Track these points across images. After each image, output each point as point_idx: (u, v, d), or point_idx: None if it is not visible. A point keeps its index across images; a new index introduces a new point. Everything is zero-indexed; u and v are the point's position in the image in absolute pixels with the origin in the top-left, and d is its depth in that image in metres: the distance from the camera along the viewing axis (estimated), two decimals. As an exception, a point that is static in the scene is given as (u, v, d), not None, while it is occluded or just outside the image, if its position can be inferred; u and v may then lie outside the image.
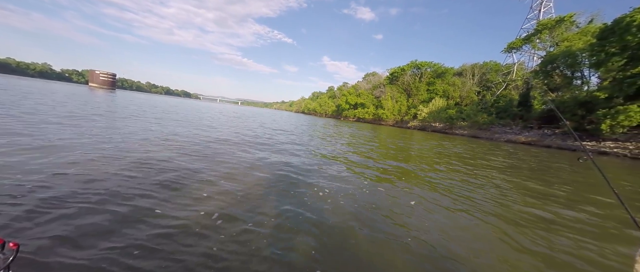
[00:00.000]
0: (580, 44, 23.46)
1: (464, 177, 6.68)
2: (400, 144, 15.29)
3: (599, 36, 19.92)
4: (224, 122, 16.45)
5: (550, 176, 8.02)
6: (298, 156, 7.41)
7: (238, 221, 2.94)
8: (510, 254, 2.86)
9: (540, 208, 4.55)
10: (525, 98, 31.91)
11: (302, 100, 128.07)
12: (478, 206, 4.39)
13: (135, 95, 55.82)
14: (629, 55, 17.63)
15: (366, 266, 2.37)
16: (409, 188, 5.11)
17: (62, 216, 2.55)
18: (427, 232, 3.18)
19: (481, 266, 2.57)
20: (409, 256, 2.60)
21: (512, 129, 30.36)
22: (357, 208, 3.76)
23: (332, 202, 3.88)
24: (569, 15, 28.07)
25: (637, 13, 16.64)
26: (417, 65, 52.34)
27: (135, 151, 5.54)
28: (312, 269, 2.23)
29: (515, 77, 38.26)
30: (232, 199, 3.57)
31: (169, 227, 2.64)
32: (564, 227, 3.72)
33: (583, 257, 2.90)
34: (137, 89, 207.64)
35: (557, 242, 3.23)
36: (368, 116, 57.39)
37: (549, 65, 26.32)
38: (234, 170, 5.09)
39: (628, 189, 7.11)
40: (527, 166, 10.27)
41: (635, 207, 5.22)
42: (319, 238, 2.76)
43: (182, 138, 7.99)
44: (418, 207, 4.06)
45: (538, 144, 24.79)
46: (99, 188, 3.34)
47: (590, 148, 21.28)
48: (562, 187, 6.41)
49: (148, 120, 11.55)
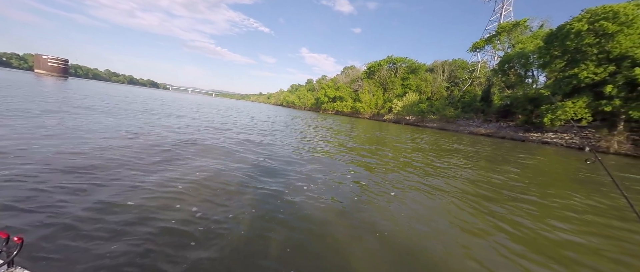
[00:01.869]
0: (532, 46, 26.46)
1: (434, 166, 7.66)
2: (378, 135, 16.35)
3: (545, 40, 22.69)
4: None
5: (510, 165, 9.43)
6: (279, 150, 7.80)
7: (214, 220, 2.86)
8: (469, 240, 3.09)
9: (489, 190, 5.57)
10: (486, 94, 35.17)
11: (280, 93, 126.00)
12: (447, 192, 5.25)
13: (90, 85, 49.52)
14: (568, 58, 20.45)
15: (343, 262, 2.39)
16: (387, 179, 5.35)
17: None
18: (407, 224, 3.25)
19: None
20: (387, 251, 2.63)
21: (475, 122, 33.48)
22: (338, 202, 3.78)
23: (314, 196, 3.88)
24: (523, 20, 31.30)
25: (575, 22, 19.27)
26: (393, 60, 54.44)
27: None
28: (287, 266, 2.22)
29: (479, 75, 41.81)
30: (205, 198, 3.46)
31: (139, 222, 2.61)
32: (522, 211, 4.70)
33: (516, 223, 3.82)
34: (95, 77, 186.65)
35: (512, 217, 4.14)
36: (346, 109, 58.75)
37: (506, 64, 29.30)
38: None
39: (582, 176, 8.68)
40: (490, 155, 11.80)
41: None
42: (296, 234, 2.73)
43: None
44: (397, 198, 4.22)
45: (495, 135, 27.82)
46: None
47: (535, 138, 24.50)
48: (514, 176, 7.69)
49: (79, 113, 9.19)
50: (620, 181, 1.64)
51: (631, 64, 16.94)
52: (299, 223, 3.02)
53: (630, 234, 3.60)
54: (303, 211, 3.37)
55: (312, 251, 2.49)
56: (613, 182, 1.64)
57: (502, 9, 43.90)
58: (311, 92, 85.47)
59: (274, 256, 2.34)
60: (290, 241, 2.62)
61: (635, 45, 17.04)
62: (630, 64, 17.01)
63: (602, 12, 17.89)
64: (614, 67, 17.83)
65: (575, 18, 19.63)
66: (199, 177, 4.15)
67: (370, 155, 8.39)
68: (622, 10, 17.17)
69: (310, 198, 3.85)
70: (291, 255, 2.38)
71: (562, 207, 4.62)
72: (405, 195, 4.48)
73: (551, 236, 3.32)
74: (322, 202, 3.74)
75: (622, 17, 17.05)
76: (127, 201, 3.02)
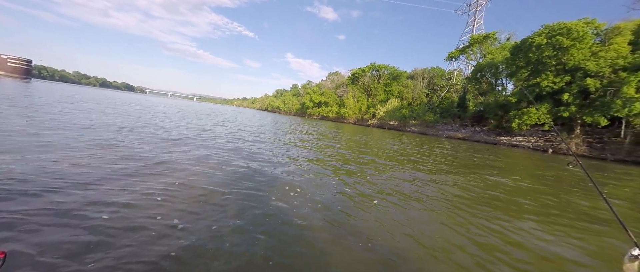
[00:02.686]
0: (500, 57, 28.80)
1: (419, 170, 8.13)
2: (363, 139, 16.85)
3: (511, 52, 24.84)
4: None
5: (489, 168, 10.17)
6: (263, 155, 7.90)
7: (197, 231, 2.85)
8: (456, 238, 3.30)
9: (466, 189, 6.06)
10: (462, 100, 37.44)
11: (265, 97, 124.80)
12: (427, 197, 5.64)
13: (57, 87, 45.90)
14: (531, 68, 22.53)
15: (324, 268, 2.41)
16: (372, 184, 5.44)
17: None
18: (391, 230, 3.28)
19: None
20: (371, 258, 2.65)
21: (452, 127, 35.42)
22: (325, 211, 3.77)
23: (298, 204, 3.88)
24: (492, 33, 34.03)
25: (536, 36, 21.36)
26: (376, 67, 56.36)
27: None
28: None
29: (455, 82, 44.48)
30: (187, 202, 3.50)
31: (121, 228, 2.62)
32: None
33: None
34: (62, 80, 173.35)
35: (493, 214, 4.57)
36: (331, 114, 59.53)
37: (478, 73, 31.55)
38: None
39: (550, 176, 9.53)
40: (470, 162, 12.62)
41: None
42: (282, 244, 2.75)
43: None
44: (380, 205, 4.26)
45: (470, 139, 29.63)
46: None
47: (506, 142, 26.47)
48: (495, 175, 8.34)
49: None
50: (579, 181, 1.98)
51: (583, 75, 19.06)
52: (284, 232, 3.00)
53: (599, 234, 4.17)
54: (288, 218, 3.35)
55: (297, 262, 2.49)
56: (593, 184, 1.69)
57: (474, 22, 47.35)
58: (296, 98, 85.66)
59: (260, 269, 2.32)
60: (276, 252, 2.59)
61: (585, 58, 19.22)
62: (582, 75, 19.13)
63: (558, 28, 20.03)
64: (570, 77, 19.93)
65: (536, 33, 21.77)
66: (179, 188, 4.01)
67: (356, 160, 8.72)
68: (574, 27, 19.35)
69: (296, 206, 3.81)
70: (277, 267, 2.36)
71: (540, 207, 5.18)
72: (387, 201, 4.50)
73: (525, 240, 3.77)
74: (308, 211, 3.69)
75: (574, 33, 19.22)
76: (101, 215, 2.88)
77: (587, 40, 19.24)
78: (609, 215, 4.63)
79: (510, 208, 4.82)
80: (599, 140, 21.07)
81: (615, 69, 18.15)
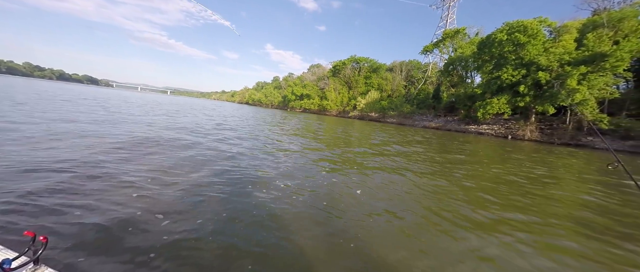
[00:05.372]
0: (469, 51, 30.97)
1: (400, 160, 9.07)
2: (345, 131, 17.74)
3: (478, 47, 26.89)
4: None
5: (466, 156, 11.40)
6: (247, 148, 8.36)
7: (184, 223, 2.89)
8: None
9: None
10: (436, 92, 39.73)
11: (245, 90, 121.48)
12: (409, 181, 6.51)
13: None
14: (494, 62, 24.67)
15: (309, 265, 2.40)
16: (355, 176, 5.64)
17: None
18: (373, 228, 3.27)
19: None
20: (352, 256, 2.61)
21: (427, 117, 37.67)
22: (309, 202, 3.83)
23: (284, 197, 3.92)
24: (462, 28, 36.26)
25: (498, 33, 23.36)
26: (356, 60, 57.40)
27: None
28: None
29: (430, 75, 46.88)
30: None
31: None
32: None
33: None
34: (9, 72, 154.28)
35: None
36: (313, 107, 60.01)
37: (449, 66, 33.69)
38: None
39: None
40: (442, 148, 13.92)
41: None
42: (268, 239, 2.75)
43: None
44: (363, 195, 4.39)
45: (443, 128, 31.91)
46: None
47: (473, 130, 28.95)
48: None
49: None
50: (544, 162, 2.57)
51: (536, 69, 21.39)
52: (269, 225, 3.06)
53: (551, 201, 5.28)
54: (273, 212, 3.40)
55: (283, 256, 2.52)
56: (636, 185, 1.66)
57: (448, 17, 49.78)
58: (278, 90, 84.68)
59: (244, 265, 2.34)
60: (261, 249, 2.59)
61: (539, 54, 21.53)
62: (536, 69, 21.46)
63: (516, 26, 22.10)
64: (525, 71, 22.25)
65: (498, 29, 23.80)
66: (160, 183, 4.00)
67: (341, 152, 9.50)
68: (529, 25, 21.48)
69: (279, 199, 3.86)
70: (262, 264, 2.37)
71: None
72: (371, 191, 4.67)
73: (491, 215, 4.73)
74: (293, 202, 3.76)
75: (529, 30, 21.36)
76: (74, 211, 2.91)
77: (540, 37, 21.52)
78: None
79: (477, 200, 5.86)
80: (549, 126, 23.95)
81: (562, 63, 20.61)
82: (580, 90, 18.83)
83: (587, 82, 19.10)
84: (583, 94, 18.82)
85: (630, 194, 5.90)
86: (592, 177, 7.93)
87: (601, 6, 27.05)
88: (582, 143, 20.14)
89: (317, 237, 2.92)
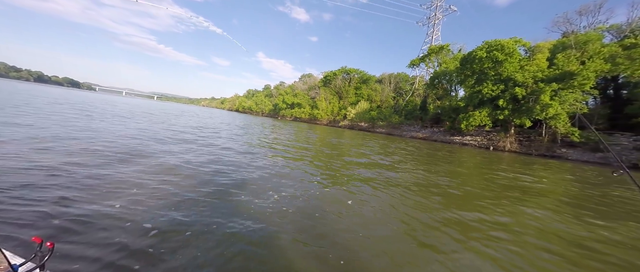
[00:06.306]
0: (452, 66, 32.64)
1: (387, 169, 9.36)
2: (336, 141, 18.02)
3: (461, 62, 28.46)
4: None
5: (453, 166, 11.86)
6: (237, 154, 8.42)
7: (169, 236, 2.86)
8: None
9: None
10: (423, 104, 41.21)
11: (236, 98, 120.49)
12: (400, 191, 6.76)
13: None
14: (476, 78, 26.14)
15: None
16: (346, 186, 5.69)
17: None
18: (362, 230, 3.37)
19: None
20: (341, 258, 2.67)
21: (415, 128, 38.83)
22: (297, 211, 3.85)
23: (275, 208, 3.92)
24: (446, 45, 38.35)
25: (478, 50, 24.93)
26: (347, 71, 58.84)
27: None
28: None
29: (418, 87, 48.72)
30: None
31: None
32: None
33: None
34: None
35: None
36: (304, 116, 60.37)
37: (435, 80, 35.26)
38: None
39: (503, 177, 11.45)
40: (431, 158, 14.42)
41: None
42: (257, 249, 2.75)
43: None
44: (353, 206, 4.43)
45: (430, 139, 32.97)
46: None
47: (458, 141, 30.11)
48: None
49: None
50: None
51: (513, 84, 22.87)
52: (258, 235, 3.06)
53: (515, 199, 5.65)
54: (262, 222, 3.39)
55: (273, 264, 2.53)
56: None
57: (433, 33, 52.50)
58: (269, 98, 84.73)
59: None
60: (251, 258, 2.59)
61: (515, 71, 23.09)
62: (513, 84, 22.94)
63: (494, 44, 23.71)
64: (504, 86, 23.71)
65: (479, 47, 25.41)
66: (149, 191, 3.98)
67: (331, 161, 9.70)
68: (506, 44, 23.12)
69: (268, 208, 3.88)
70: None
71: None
72: (362, 202, 4.70)
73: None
74: (282, 212, 3.76)
75: (506, 49, 22.97)
76: (57, 219, 2.88)
77: (516, 56, 23.17)
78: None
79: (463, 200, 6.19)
80: (527, 138, 25.35)
81: (536, 80, 22.18)
82: (553, 105, 20.25)
83: (559, 98, 20.60)
84: (555, 108, 20.25)
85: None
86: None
87: (569, 29, 29.66)
88: (557, 154, 21.45)
89: (307, 249, 2.86)
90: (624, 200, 6.94)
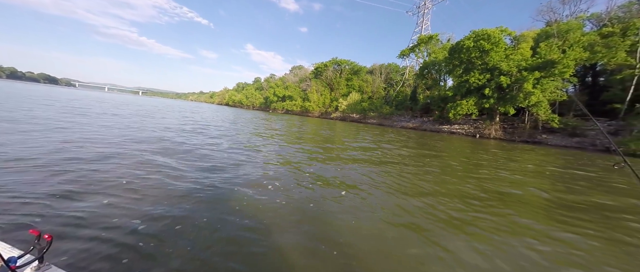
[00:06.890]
0: (441, 56, 33.07)
1: (380, 162, 9.61)
2: (328, 133, 18.19)
3: (449, 52, 28.89)
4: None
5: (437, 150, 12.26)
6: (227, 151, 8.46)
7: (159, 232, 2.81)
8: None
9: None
10: (413, 94, 41.77)
11: (225, 91, 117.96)
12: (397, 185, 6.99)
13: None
14: (463, 67, 26.68)
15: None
16: (341, 176, 5.76)
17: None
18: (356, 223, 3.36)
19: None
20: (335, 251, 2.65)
21: (405, 118, 39.49)
22: (292, 203, 3.86)
23: (267, 201, 3.91)
24: (435, 35, 38.63)
25: (466, 40, 25.33)
26: (338, 62, 58.49)
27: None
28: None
29: (408, 77, 49.18)
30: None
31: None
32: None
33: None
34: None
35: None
36: (296, 108, 60.06)
37: (424, 70, 35.70)
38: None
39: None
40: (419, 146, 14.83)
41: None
42: (251, 246, 2.71)
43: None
44: (347, 196, 4.46)
45: (419, 128, 33.70)
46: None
47: (446, 130, 30.95)
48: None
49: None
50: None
51: (499, 73, 23.53)
52: (249, 227, 3.05)
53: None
54: (253, 215, 3.38)
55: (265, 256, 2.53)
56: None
57: (423, 23, 52.63)
58: (259, 91, 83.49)
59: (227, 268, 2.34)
60: (235, 252, 2.57)
61: (501, 60, 23.71)
62: (498, 73, 23.60)
63: (481, 34, 24.14)
64: (490, 75, 24.36)
65: (466, 37, 25.82)
66: (137, 187, 3.96)
67: (324, 152, 9.87)
68: (492, 33, 23.59)
69: (260, 201, 3.88)
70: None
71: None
72: (355, 193, 4.74)
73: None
74: (275, 205, 3.78)
75: (492, 38, 23.45)
76: (75, 212, 2.92)
77: (502, 45, 23.74)
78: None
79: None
80: (511, 125, 26.40)
81: (520, 69, 22.90)
82: (535, 93, 21.07)
83: (541, 86, 21.42)
84: (537, 96, 21.08)
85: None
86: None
87: (553, 18, 30.48)
88: (538, 140, 22.52)
89: (301, 241, 2.88)
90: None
